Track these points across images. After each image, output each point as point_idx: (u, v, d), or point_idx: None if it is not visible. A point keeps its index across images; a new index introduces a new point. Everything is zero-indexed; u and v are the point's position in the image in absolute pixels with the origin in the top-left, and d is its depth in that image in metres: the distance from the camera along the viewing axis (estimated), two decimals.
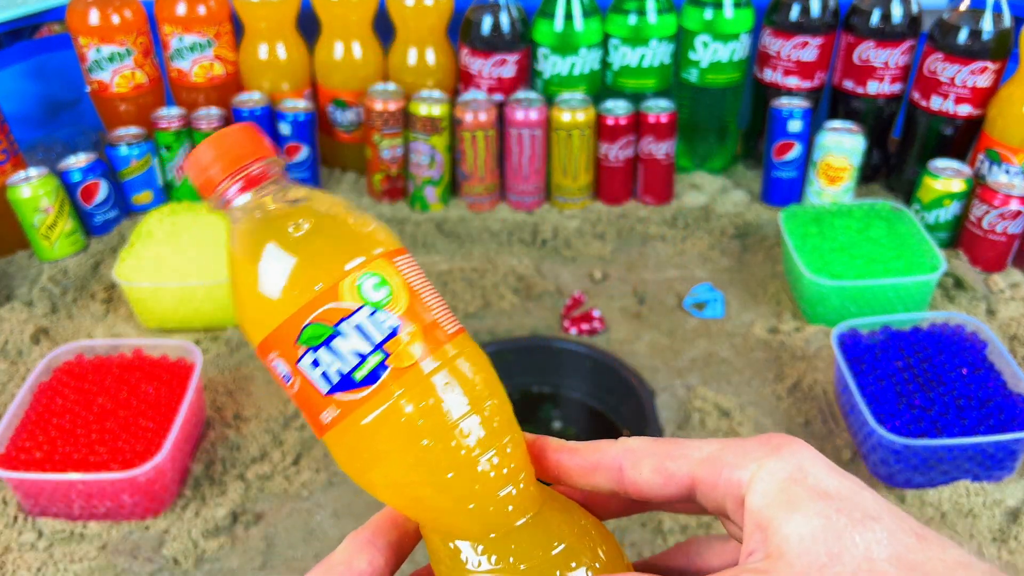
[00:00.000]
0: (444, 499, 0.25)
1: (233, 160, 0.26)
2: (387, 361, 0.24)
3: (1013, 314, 0.77)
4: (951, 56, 0.85)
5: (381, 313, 0.24)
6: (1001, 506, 0.59)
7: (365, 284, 0.25)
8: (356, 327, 0.24)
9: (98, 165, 0.87)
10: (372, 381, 0.24)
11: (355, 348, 0.24)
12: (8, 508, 0.60)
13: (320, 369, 0.24)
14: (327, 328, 0.24)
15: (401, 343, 0.25)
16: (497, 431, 0.25)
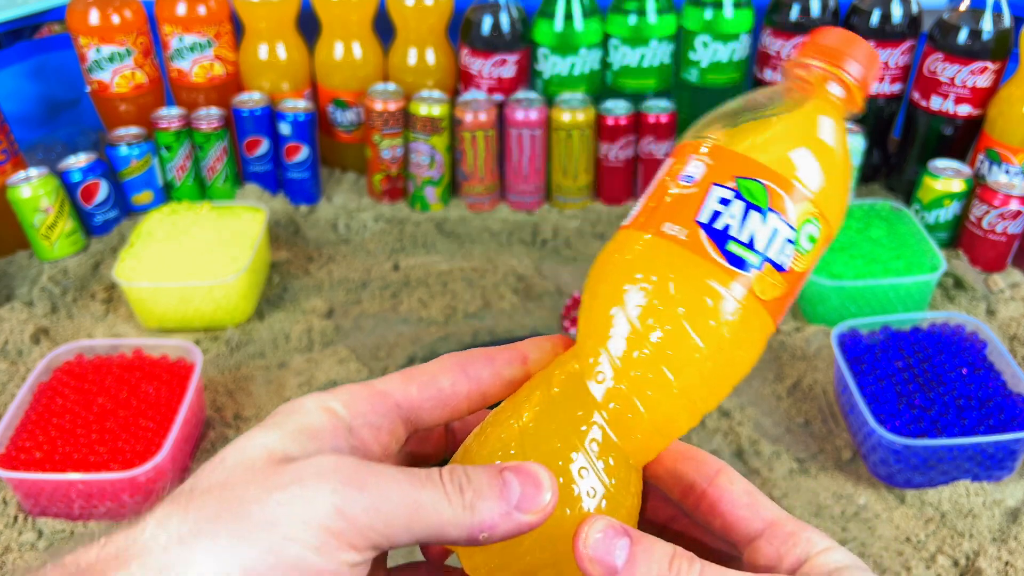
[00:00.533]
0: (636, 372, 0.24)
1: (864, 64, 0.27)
2: (753, 268, 0.24)
3: (1013, 314, 0.77)
4: (951, 56, 0.85)
5: (791, 249, 0.25)
6: (1001, 506, 0.59)
7: (809, 226, 0.25)
8: (775, 229, 0.24)
9: (98, 165, 0.87)
10: (730, 260, 0.24)
11: (756, 235, 0.24)
12: (8, 508, 0.60)
13: (720, 208, 0.25)
14: (765, 199, 0.25)
15: (772, 277, 0.25)
16: (687, 377, 0.25)
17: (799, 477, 0.62)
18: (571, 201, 0.95)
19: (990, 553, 0.55)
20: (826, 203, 0.25)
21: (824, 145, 0.26)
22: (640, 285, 0.25)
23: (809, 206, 0.25)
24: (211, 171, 0.95)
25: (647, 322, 0.24)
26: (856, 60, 0.26)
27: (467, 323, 0.79)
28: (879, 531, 0.57)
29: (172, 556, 0.19)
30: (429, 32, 0.94)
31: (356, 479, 0.21)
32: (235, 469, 0.21)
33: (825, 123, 0.26)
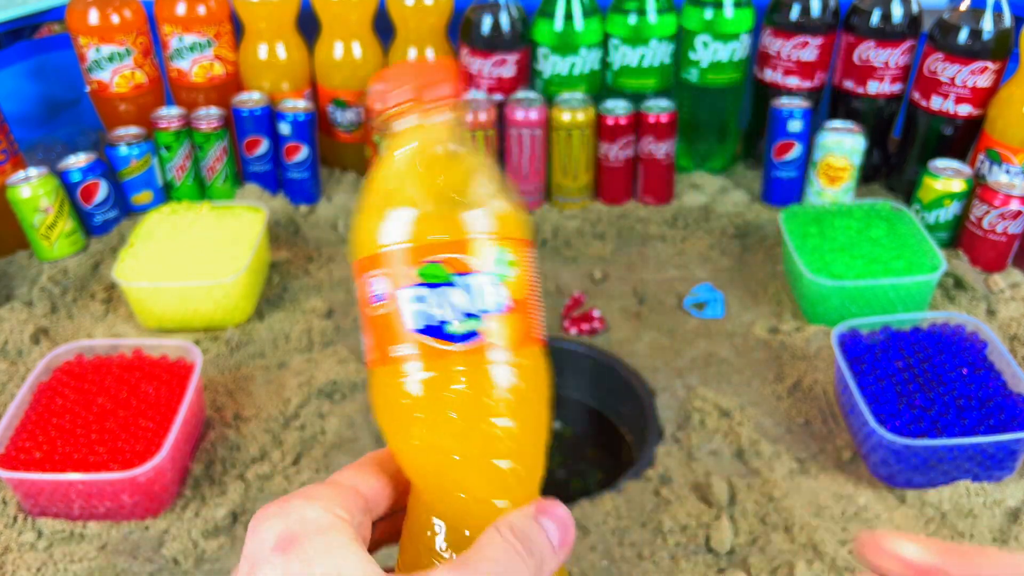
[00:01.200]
0: (446, 477, 0.26)
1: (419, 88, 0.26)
2: (479, 330, 0.25)
3: (1013, 314, 0.77)
4: (951, 56, 0.85)
5: (499, 288, 0.25)
6: (1001, 506, 0.59)
7: (501, 256, 0.25)
8: (471, 287, 0.25)
9: (98, 165, 0.87)
10: (459, 340, 0.25)
11: (462, 304, 0.25)
12: (8, 508, 0.60)
13: (419, 307, 0.25)
14: (446, 274, 0.25)
15: (502, 322, 0.25)
16: (523, 445, 0.26)
17: (799, 477, 0.62)
18: (571, 201, 0.95)
19: None
20: (498, 227, 0.26)
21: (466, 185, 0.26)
22: (415, 415, 0.25)
23: (486, 244, 0.25)
24: (211, 171, 0.95)
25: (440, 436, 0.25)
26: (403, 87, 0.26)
27: None
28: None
29: None
30: (429, 32, 0.94)
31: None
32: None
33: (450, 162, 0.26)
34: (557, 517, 0.26)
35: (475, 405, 0.25)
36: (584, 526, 0.59)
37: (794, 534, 0.57)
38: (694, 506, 0.60)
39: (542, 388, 0.27)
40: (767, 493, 0.60)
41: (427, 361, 0.25)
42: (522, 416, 0.26)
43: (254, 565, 0.24)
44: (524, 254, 0.26)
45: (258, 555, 0.24)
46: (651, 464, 0.64)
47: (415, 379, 0.25)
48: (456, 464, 0.25)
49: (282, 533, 0.24)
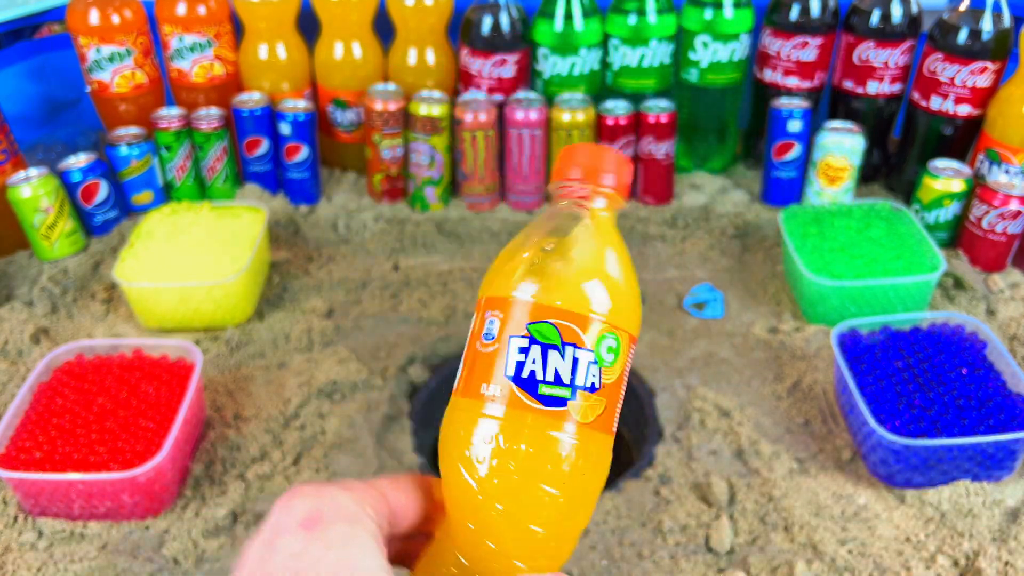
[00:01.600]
0: (483, 523, 0.27)
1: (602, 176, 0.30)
2: (569, 402, 0.27)
3: (1013, 314, 0.77)
4: (951, 56, 0.85)
5: (596, 369, 0.27)
6: (1001, 506, 0.59)
7: (607, 341, 0.27)
8: (575, 359, 0.27)
9: (98, 165, 0.87)
10: (546, 403, 0.26)
11: (560, 370, 0.27)
12: (8, 508, 0.60)
13: (522, 357, 0.27)
14: (557, 338, 0.27)
15: (588, 401, 0.27)
16: (564, 519, 0.27)
17: (799, 477, 0.62)
18: None
19: (990, 553, 0.55)
20: (616, 315, 0.28)
21: (602, 266, 0.29)
22: (478, 456, 0.27)
23: (600, 326, 0.27)
24: (211, 171, 0.95)
25: (493, 483, 0.27)
26: (610, 172, 0.30)
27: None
28: (879, 531, 0.57)
29: None
30: (429, 32, 0.94)
31: None
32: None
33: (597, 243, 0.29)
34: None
35: (535, 467, 0.26)
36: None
37: (794, 534, 0.57)
38: (694, 506, 0.60)
39: (599, 475, 0.28)
40: (767, 493, 0.60)
41: (510, 409, 0.27)
42: (572, 493, 0.27)
43: (277, 534, 0.25)
44: (627, 348, 0.28)
45: (283, 525, 0.25)
46: (651, 464, 0.64)
47: (492, 423, 0.27)
48: (497, 514, 0.26)
49: (311, 511, 0.25)
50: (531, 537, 0.27)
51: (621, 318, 0.28)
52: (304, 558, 0.24)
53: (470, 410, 0.27)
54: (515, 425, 0.26)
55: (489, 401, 0.27)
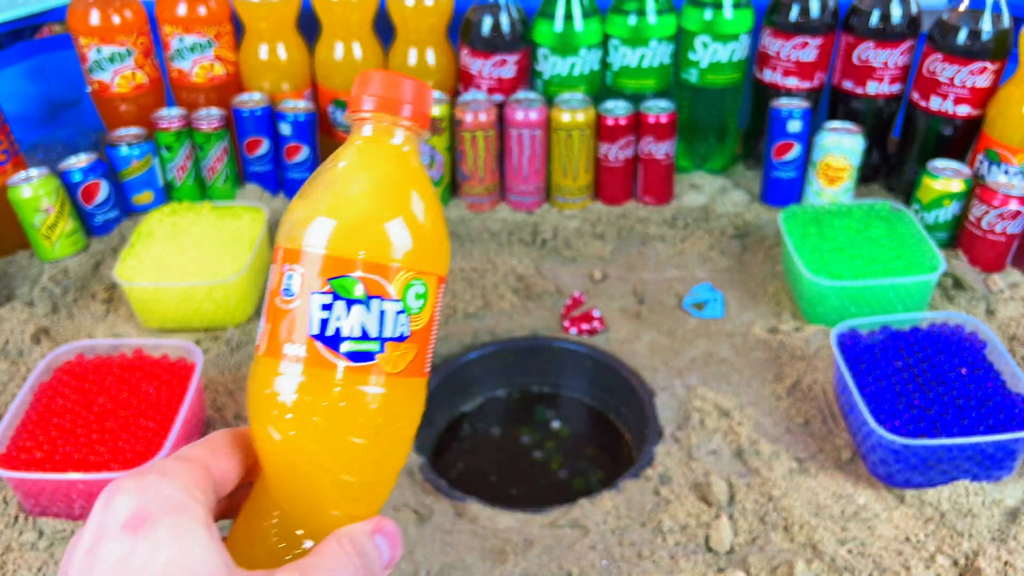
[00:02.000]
0: (297, 477, 0.26)
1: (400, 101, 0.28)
2: (377, 355, 0.26)
3: (1012, 314, 0.78)
4: (950, 56, 0.85)
5: (404, 318, 0.26)
6: (1000, 506, 0.59)
7: (414, 288, 0.26)
8: (381, 311, 0.26)
9: (99, 165, 0.87)
10: (353, 358, 0.26)
11: (368, 325, 0.26)
12: (9, 508, 0.60)
13: (325, 315, 0.25)
14: (362, 293, 0.26)
15: (398, 350, 0.26)
16: (376, 467, 0.27)
17: (798, 477, 0.62)
18: (571, 201, 0.95)
19: (989, 553, 0.55)
20: (419, 260, 0.27)
21: (403, 208, 0.27)
22: (286, 412, 0.26)
23: (405, 274, 0.26)
24: (211, 171, 0.95)
25: (302, 439, 0.26)
26: (407, 102, 0.28)
27: (467, 323, 0.79)
28: (878, 531, 0.57)
29: None
30: (429, 32, 0.94)
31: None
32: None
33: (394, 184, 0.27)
34: (390, 536, 0.27)
35: (343, 420, 0.26)
36: (584, 525, 0.59)
37: (793, 533, 0.57)
38: (694, 505, 0.60)
39: (412, 419, 0.28)
40: (766, 493, 0.60)
41: (313, 367, 0.26)
42: (384, 440, 0.27)
43: (100, 539, 0.23)
44: (436, 290, 0.27)
45: (106, 529, 0.23)
46: (651, 464, 0.64)
47: (296, 379, 0.26)
48: (309, 467, 0.26)
49: (136, 510, 0.23)
50: (345, 486, 0.27)
51: (427, 262, 0.27)
52: (132, 563, 0.22)
53: (274, 369, 0.26)
54: (322, 382, 0.26)
55: (293, 360, 0.26)
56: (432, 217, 0.28)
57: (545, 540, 0.58)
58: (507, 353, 0.78)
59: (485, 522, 0.60)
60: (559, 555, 0.57)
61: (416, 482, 0.64)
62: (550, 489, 0.72)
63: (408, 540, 0.58)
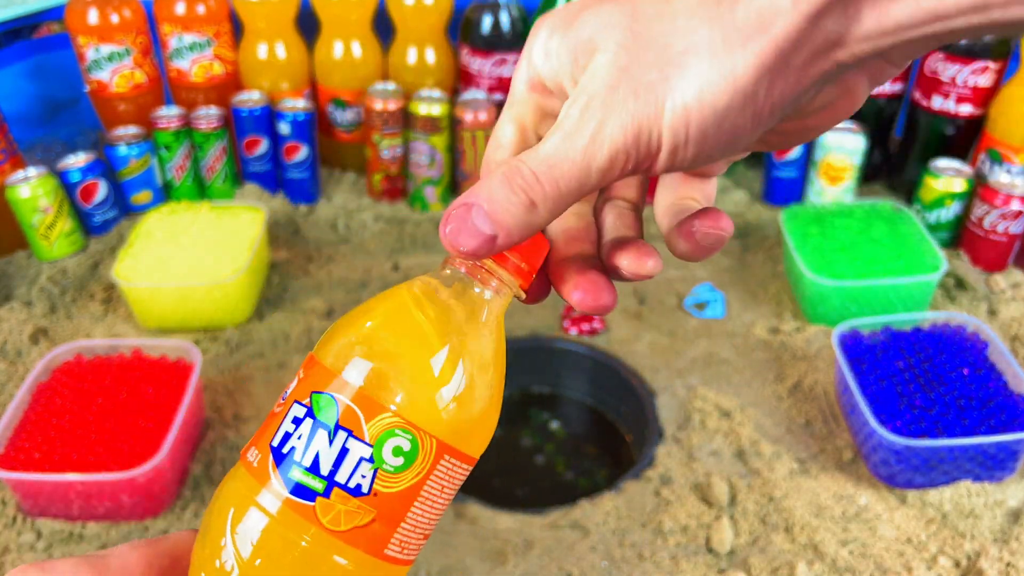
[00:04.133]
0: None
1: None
2: (318, 498, 0.21)
3: (1014, 314, 0.77)
4: (952, 56, 0.84)
5: (369, 469, 0.21)
6: (1002, 506, 0.59)
7: (396, 440, 0.21)
8: (344, 448, 0.21)
9: (97, 165, 0.87)
10: (294, 491, 0.21)
11: (322, 456, 0.21)
12: (7, 509, 0.60)
13: (291, 428, 0.22)
14: (333, 416, 0.21)
15: (346, 504, 0.21)
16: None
17: (800, 478, 0.62)
18: None
19: (991, 554, 0.55)
20: (417, 410, 0.22)
21: (419, 343, 0.22)
22: (226, 527, 0.22)
23: (391, 417, 0.21)
24: (210, 171, 0.95)
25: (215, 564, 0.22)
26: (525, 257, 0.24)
27: None
28: (880, 531, 0.57)
29: None
30: (429, 31, 0.94)
31: None
32: None
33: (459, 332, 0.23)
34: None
35: (254, 568, 0.21)
36: (584, 526, 0.59)
37: (794, 534, 0.57)
38: (694, 506, 0.60)
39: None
40: (767, 493, 0.60)
41: (257, 484, 0.22)
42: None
43: None
44: (430, 461, 0.22)
45: None
46: (651, 464, 0.64)
47: (237, 496, 0.22)
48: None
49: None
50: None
51: (433, 422, 0.22)
52: None
53: (233, 473, 0.23)
54: (252, 507, 0.22)
55: (246, 467, 0.22)
56: (476, 384, 0.23)
57: (545, 541, 0.58)
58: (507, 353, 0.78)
59: (485, 523, 0.60)
60: (559, 556, 0.56)
61: None
62: (550, 489, 0.72)
63: None
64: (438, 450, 0.22)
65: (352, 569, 0.22)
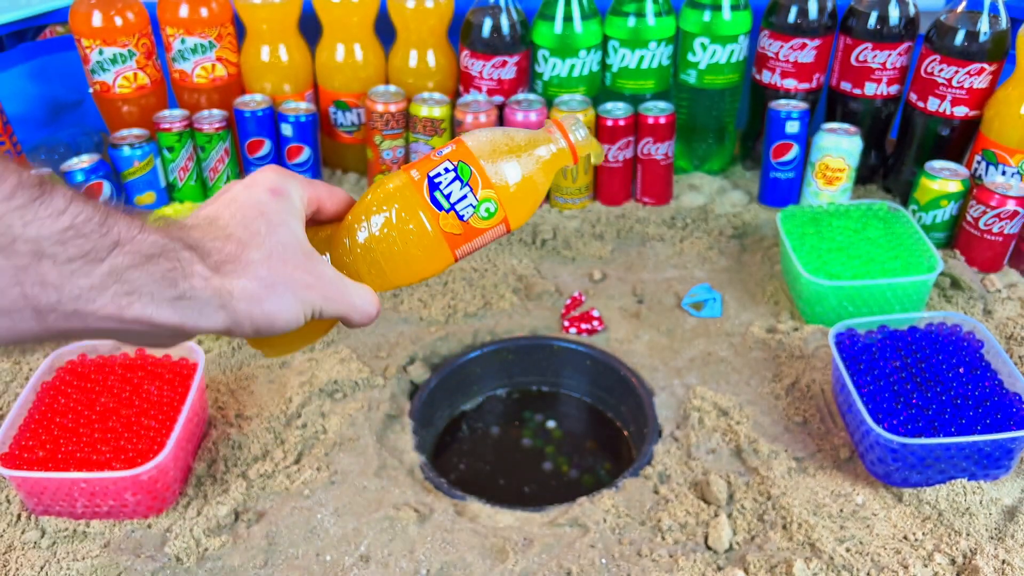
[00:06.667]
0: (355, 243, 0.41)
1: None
2: (443, 210, 0.40)
3: (1010, 314, 0.78)
4: (948, 58, 0.85)
5: (471, 210, 0.40)
6: (998, 504, 0.59)
7: (489, 204, 0.41)
8: (464, 195, 0.40)
9: (101, 166, 0.87)
10: (433, 201, 0.40)
11: (453, 192, 0.40)
12: (11, 507, 0.61)
13: (442, 171, 0.40)
14: (467, 176, 0.40)
15: (452, 220, 0.40)
16: (393, 269, 0.41)
17: (797, 476, 0.62)
18: (570, 201, 0.96)
19: (987, 551, 0.55)
20: (505, 197, 0.40)
21: (527, 169, 0.41)
22: (382, 201, 0.41)
23: (492, 192, 0.40)
24: (213, 172, 0.95)
25: (374, 221, 0.40)
26: (582, 129, 0.42)
27: (467, 323, 0.80)
28: (877, 529, 0.58)
29: None
30: (429, 34, 0.94)
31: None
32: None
33: (540, 154, 0.42)
34: (376, 313, 0.41)
35: (399, 226, 0.40)
36: (583, 524, 0.59)
37: (792, 532, 0.58)
38: (693, 504, 0.60)
39: (426, 264, 0.41)
40: (765, 491, 0.61)
41: (415, 190, 0.41)
42: (406, 258, 0.41)
43: (252, 186, 0.38)
44: (499, 220, 0.41)
45: (257, 184, 0.38)
46: (650, 462, 0.65)
47: (399, 188, 0.41)
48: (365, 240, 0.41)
49: (276, 185, 0.38)
50: (374, 265, 0.41)
51: (509, 200, 0.41)
52: (264, 209, 0.37)
53: (397, 176, 0.41)
54: (409, 197, 0.40)
55: (409, 179, 0.40)
56: (534, 190, 0.41)
57: (545, 539, 0.58)
58: (507, 352, 0.79)
59: (485, 521, 0.60)
60: (559, 553, 0.57)
61: (416, 481, 0.64)
62: (549, 487, 0.72)
63: (409, 539, 0.58)
64: (504, 218, 0.41)
65: (435, 251, 0.41)
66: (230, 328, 0.35)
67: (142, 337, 0.34)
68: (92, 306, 0.30)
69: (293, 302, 0.36)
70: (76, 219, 0.29)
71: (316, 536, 0.59)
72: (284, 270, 0.36)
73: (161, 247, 0.32)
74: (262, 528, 0.59)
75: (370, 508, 0.61)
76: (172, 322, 0.33)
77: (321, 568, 0.56)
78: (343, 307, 0.39)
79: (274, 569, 0.57)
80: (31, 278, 0.28)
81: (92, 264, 0.29)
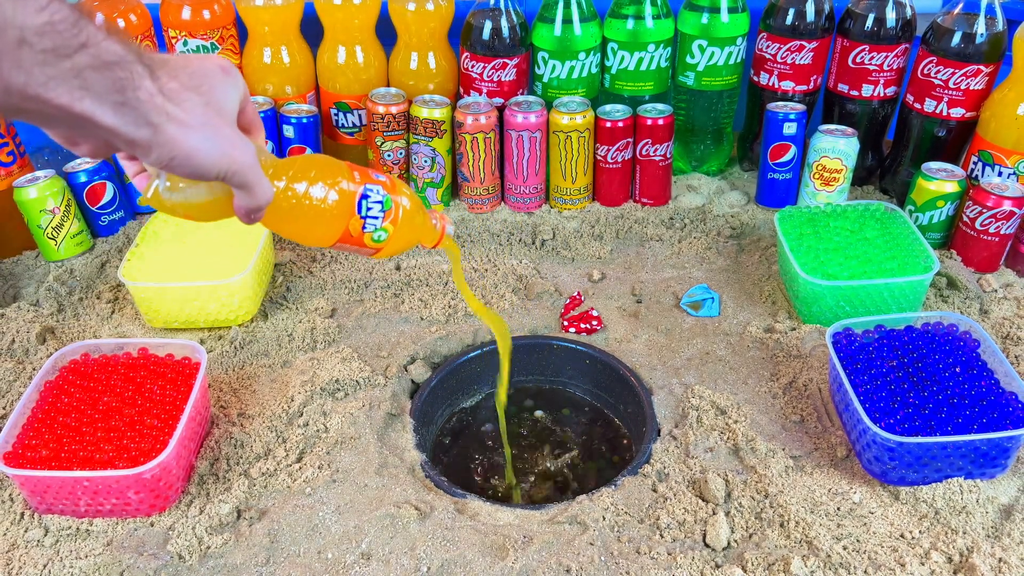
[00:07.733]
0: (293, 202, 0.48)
1: None
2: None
3: (1006, 313, 0.78)
4: (945, 59, 0.86)
5: (376, 208, 0.50)
6: (994, 503, 0.59)
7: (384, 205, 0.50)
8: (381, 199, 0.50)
9: (104, 167, 0.88)
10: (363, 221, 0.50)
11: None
12: (15, 505, 0.61)
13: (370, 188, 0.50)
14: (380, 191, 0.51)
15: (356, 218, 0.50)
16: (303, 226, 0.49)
17: (794, 474, 0.63)
18: (570, 202, 0.96)
19: (984, 550, 0.56)
20: (394, 238, 0.51)
21: (412, 225, 0.52)
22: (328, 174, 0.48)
23: (392, 228, 0.51)
24: None
25: (313, 180, 0.47)
26: None
27: (467, 322, 0.80)
28: (874, 528, 0.58)
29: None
30: (430, 36, 0.95)
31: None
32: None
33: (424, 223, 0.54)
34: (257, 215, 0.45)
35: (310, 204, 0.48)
36: (582, 522, 0.60)
37: (789, 530, 0.58)
38: (691, 502, 0.61)
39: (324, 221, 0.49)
40: (763, 490, 0.61)
41: (349, 180, 0.50)
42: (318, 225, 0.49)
43: (205, 58, 0.41)
44: (402, 220, 0.52)
45: (210, 58, 0.42)
46: (648, 461, 0.65)
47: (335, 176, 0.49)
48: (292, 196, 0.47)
49: (229, 67, 0.42)
50: (285, 201, 0.46)
51: (393, 243, 0.51)
52: (216, 75, 0.41)
53: (346, 168, 0.49)
54: (345, 188, 0.48)
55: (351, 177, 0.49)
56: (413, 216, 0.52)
57: (544, 536, 0.59)
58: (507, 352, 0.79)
59: (485, 518, 0.61)
60: (558, 551, 0.57)
61: (417, 479, 0.65)
62: (549, 486, 0.73)
63: (409, 536, 0.59)
64: (380, 248, 0.52)
65: (330, 229, 0.50)
66: (150, 145, 0.37)
67: (82, 131, 0.37)
68: (50, 94, 0.33)
69: (215, 149, 0.39)
70: (54, 16, 0.33)
71: (317, 534, 0.59)
72: (217, 121, 0.39)
73: (120, 56, 0.35)
74: (264, 526, 0.60)
75: (371, 506, 0.61)
76: (109, 123, 0.35)
77: (323, 566, 0.57)
78: (250, 179, 0.41)
79: (276, 567, 0.57)
80: (11, 61, 0.32)
81: (60, 59, 0.33)
